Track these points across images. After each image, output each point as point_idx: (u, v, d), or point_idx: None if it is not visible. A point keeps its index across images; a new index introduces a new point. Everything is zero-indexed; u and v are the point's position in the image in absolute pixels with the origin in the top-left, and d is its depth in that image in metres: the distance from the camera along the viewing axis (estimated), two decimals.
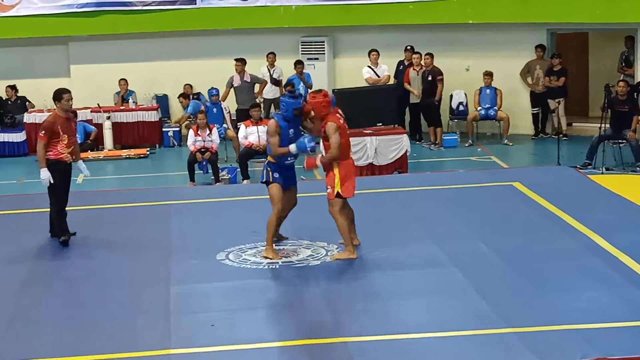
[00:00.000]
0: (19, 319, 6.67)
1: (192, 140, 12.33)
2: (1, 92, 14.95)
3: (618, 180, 10.89)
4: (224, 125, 13.55)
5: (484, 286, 6.91)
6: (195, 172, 12.21)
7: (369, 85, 13.72)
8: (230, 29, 14.78)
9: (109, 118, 14.38)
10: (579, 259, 7.48)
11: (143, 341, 6.20)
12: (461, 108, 14.46)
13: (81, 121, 13.87)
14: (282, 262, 7.63)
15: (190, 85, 14.72)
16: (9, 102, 14.85)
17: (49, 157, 8.10)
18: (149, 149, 14.31)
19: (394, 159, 11.86)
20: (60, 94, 8.20)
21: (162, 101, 15.06)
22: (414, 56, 13.93)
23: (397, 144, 11.86)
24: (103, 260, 7.92)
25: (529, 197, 9.29)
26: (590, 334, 6.00)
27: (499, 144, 13.91)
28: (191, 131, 12.47)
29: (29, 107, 14.77)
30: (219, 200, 9.94)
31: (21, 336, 6.36)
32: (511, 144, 13.86)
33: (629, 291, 6.73)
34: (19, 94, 14.90)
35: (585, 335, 5.99)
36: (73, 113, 9.30)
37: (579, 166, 11.76)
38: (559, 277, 7.11)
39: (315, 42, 14.84)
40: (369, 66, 14.05)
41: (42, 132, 8.14)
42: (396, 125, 12.31)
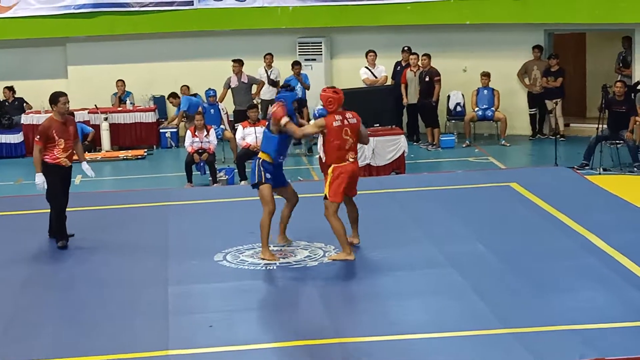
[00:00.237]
0: (17, 319, 6.67)
1: (190, 142, 12.33)
2: None
3: (615, 180, 10.91)
4: (222, 126, 13.56)
5: (482, 287, 6.92)
6: (193, 173, 12.21)
7: (366, 86, 13.73)
8: (228, 30, 14.79)
9: (106, 119, 14.39)
10: (577, 259, 7.49)
11: (141, 342, 6.20)
12: (458, 109, 14.47)
13: (78, 122, 13.81)
14: (279, 263, 7.63)
15: (187, 87, 14.71)
16: (7, 103, 14.84)
17: (46, 161, 8.08)
18: (146, 150, 14.31)
19: (391, 160, 11.87)
20: (56, 98, 8.13)
21: (160, 102, 15.06)
22: (411, 57, 13.94)
23: (394, 145, 11.87)
24: (101, 261, 7.92)
25: (526, 198, 9.30)
26: (587, 335, 6.00)
27: (497, 144, 13.92)
28: (188, 132, 12.47)
29: (26, 109, 14.76)
30: (217, 201, 9.94)
31: (20, 337, 6.35)
32: (508, 144, 13.87)
33: (626, 291, 6.74)
34: (16, 95, 14.89)
35: (582, 335, 5.99)
36: (70, 114, 9.28)
37: (576, 167, 11.77)
38: (556, 277, 7.11)
39: (312, 43, 14.85)
40: (367, 67, 14.06)
41: (37, 137, 8.12)
42: (394, 126, 12.33)
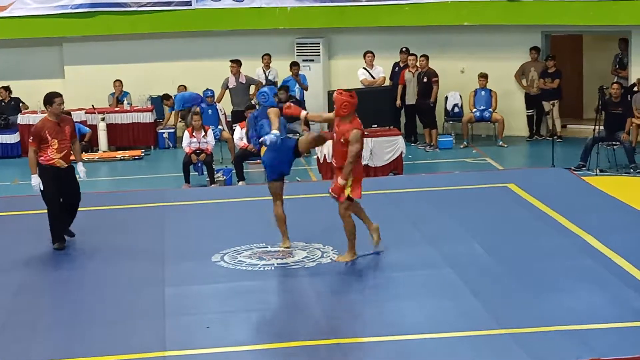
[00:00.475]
0: (13, 321, 6.66)
1: (187, 142, 12.33)
2: None
3: (612, 181, 10.93)
4: (219, 127, 13.56)
5: (479, 287, 6.92)
6: (191, 173, 12.20)
7: (364, 86, 13.74)
8: (226, 30, 14.77)
9: (103, 119, 14.37)
10: (573, 260, 7.50)
11: (138, 343, 6.19)
12: (456, 110, 14.48)
13: (75, 122, 13.80)
14: (277, 264, 7.63)
15: (184, 87, 14.70)
16: (3, 103, 14.82)
17: (40, 162, 8.06)
18: (143, 150, 14.29)
19: (389, 161, 11.88)
20: (51, 98, 8.07)
21: (157, 103, 15.04)
22: (410, 58, 13.95)
23: (392, 146, 11.88)
24: (98, 261, 7.90)
25: (523, 199, 9.31)
26: (584, 335, 6.01)
27: (494, 145, 13.94)
28: (186, 133, 12.47)
29: (22, 109, 14.74)
30: (214, 202, 9.93)
31: (16, 339, 6.33)
32: (506, 145, 13.89)
33: (622, 292, 6.75)
34: (12, 95, 14.87)
35: (579, 336, 6.00)
36: (67, 114, 9.24)
37: (573, 168, 11.79)
38: (553, 278, 7.12)
39: (310, 43, 14.85)
40: (365, 68, 14.07)
41: (30, 138, 8.10)
42: (391, 127, 12.34)
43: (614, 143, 12.30)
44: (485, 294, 6.79)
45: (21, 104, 14.83)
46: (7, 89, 14.84)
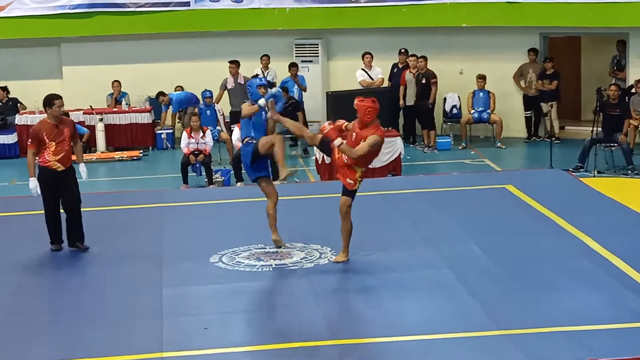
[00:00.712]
0: (12, 322, 6.65)
1: (186, 143, 12.32)
2: None
3: (609, 183, 10.94)
4: (218, 128, 13.56)
5: (477, 288, 6.93)
6: (189, 174, 12.20)
7: (362, 88, 13.74)
8: (224, 31, 14.77)
9: (101, 120, 14.36)
10: (571, 261, 7.51)
11: (136, 344, 6.19)
12: (454, 111, 14.48)
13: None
14: (275, 265, 7.63)
15: (181, 87, 14.70)
16: (0, 104, 14.81)
17: (38, 164, 8.03)
18: (142, 151, 14.28)
19: (387, 162, 11.88)
20: (51, 100, 8.00)
21: (155, 103, 15.03)
22: (411, 58, 13.96)
23: (391, 147, 11.87)
24: (96, 262, 7.90)
25: (521, 200, 9.32)
26: (582, 336, 6.02)
27: (492, 146, 13.95)
28: (184, 133, 12.47)
29: (20, 109, 14.73)
30: (213, 202, 9.93)
31: (15, 339, 6.33)
32: (504, 146, 13.90)
33: (620, 293, 6.76)
34: (10, 96, 14.85)
35: (577, 337, 6.01)
36: (65, 115, 9.22)
37: (571, 169, 11.80)
38: (551, 279, 7.13)
39: (309, 44, 14.85)
40: (363, 69, 14.07)
41: (29, 141, 8.07)
42: (390, 128, 12.33)
43: (611, 144, 12.31)
44: (483, 295, 6.79)
45: (19, 105, 14.82)
46: (4, 89, 14.82)
